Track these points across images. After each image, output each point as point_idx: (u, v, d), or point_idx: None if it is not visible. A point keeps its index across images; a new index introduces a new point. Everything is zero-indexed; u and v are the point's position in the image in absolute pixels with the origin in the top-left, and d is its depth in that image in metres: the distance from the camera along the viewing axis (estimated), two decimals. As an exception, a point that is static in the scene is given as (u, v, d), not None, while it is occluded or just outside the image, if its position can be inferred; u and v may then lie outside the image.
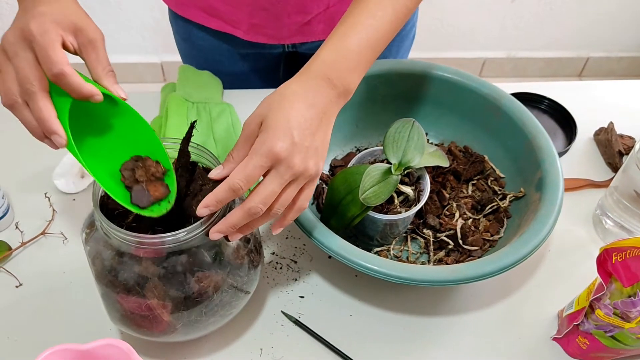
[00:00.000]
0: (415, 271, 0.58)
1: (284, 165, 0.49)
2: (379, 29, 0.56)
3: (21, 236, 0.71)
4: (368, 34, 0.55)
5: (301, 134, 0.50)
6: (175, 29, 0.95)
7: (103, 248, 0.52)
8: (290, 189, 0.51)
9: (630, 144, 0.83)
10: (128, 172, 0.52)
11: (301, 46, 0.89)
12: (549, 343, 0.65)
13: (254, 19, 0.82)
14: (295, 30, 0.84)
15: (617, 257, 0.54)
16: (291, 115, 0.50)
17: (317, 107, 0.52)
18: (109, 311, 0.56)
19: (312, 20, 0.82)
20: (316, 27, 0.84)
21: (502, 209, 0.72)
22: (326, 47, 0.55)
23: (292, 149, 0.49)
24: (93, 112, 0.51)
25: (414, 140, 0.64)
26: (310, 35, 0.85)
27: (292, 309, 0.66)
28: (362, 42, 0.55)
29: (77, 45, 0.50)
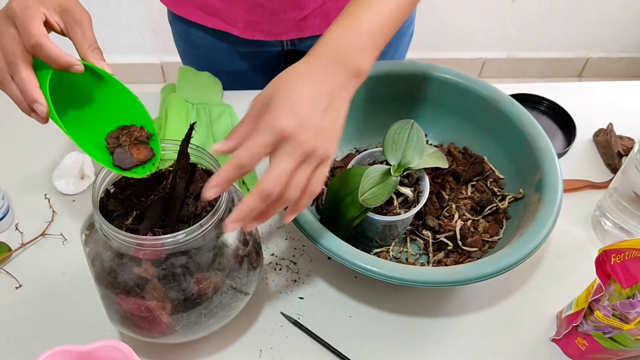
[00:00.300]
0: (414, 272, 0.58)
1: (292, 143, 0.47)
2: (389, 8, 0.54)
3: (21, 237, 0.71)
4: (377, 14, 0.54)
5: (309, 112, 0.48)
6: (174, 29, 0.96)
7: (102, 249, 0.53)
8: (302, 170, 0.48)
9: (629, 145, 0.83)
10: (113, 139, 0.54)
11: (300, 43, 0.89)
12: (548, 344, 0.65)
13: (250, 16, 0.82)
14: (292, 26, 0.84)
15: (616, 259, 0.54)
16: (298, 93, 0.48)
17: (327, 86, 0.50)
18: (108, 312, 0.56)
19: (309, 16, 0.83)
20: (313, 22, 0.84)
21: (502, 210, 0.72)
22: (335, 26, 0.53)
23: (299, 125, 0.47)
24: (79, 87, 0.54)
25: (413, 142, 0.64)
26: (307, 30, 0.85)
27: (291, 310, 0.66)
28: (372, 22, 0.53)
29: (64, 25, 0.52)
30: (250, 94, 0.90)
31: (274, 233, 0.73)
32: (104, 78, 0.52)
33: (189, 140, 0.54)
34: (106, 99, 0.55)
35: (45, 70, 0.50)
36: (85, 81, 0.52)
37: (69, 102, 0.54)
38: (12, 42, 0.49)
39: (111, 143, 0.54)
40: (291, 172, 0.48)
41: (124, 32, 1.98)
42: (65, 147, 0.81)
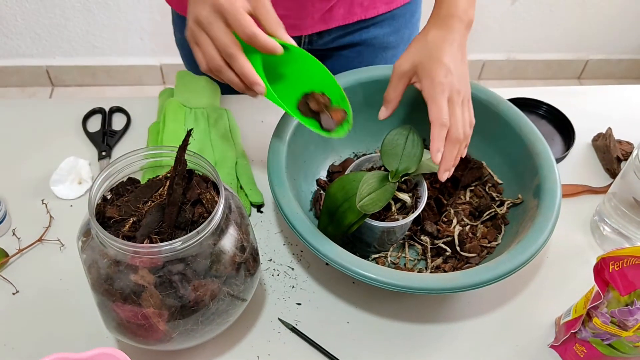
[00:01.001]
0: (412, 279, 0.58)
1: (454, 92, 0.62)
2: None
3: (18, 243, 0.71)
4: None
5: (454, 66, 0.62)
6: (179, 31, 0.94)
7: (99, 256, 0.52)
8: (465, 113, 0.64)
9: (628, 150, 0.83)
10: (304, 106, 0.65)
11: (318, 40, 0.89)
12: (547, 350, 0.64)
13: (277, 9, 0.82)
14: (318, 18, 0.84)
15: (614, 266, 0.54)
16: (444, 58, 0.62)
17: (456, 42, 0.64)
18: (105, 319, 0.56)
19: (334, 6, 0.83)
20: (337, 12, 0.85)
21: (500, 215, 0.72)
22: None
23: (452, 78, 0.62)
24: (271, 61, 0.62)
25: (411, 147, 0.64)
26: (331, 21, 0.86)
27: (289, 316, 0.66)
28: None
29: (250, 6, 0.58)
30: (248, 99, 0.90)
31: (271, 239, 0.73)
32: (289, 49, 0.60)
33: (186, 147, 0.54)
34: (291, 68, 0.64)
35: (255, 55, 0.59)
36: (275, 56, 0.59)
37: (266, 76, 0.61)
38: (225, 35, 0.56)
39: (303, 110, 0.65)
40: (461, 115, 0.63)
41: (123, 34, 1.98)
42: (62, 152, 0.81)
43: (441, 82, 0.62)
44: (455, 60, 0.63)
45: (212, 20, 0.57)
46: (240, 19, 0.56)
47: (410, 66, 0.65)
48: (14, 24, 1.92)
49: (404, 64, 0.65)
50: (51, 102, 1.06)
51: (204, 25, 0.57)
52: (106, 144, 0.83)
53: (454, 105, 0.62)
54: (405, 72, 0.65)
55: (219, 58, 0.58)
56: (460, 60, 0.64)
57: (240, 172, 0.78)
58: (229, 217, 0.55)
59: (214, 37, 0.57)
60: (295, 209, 0.63)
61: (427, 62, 0.63)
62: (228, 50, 0.57)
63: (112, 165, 0.54)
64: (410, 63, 0.65)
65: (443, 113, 0.61)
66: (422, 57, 0.64)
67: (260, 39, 0.57)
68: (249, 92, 0.61)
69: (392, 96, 0.66)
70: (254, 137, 0.85)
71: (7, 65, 2.04)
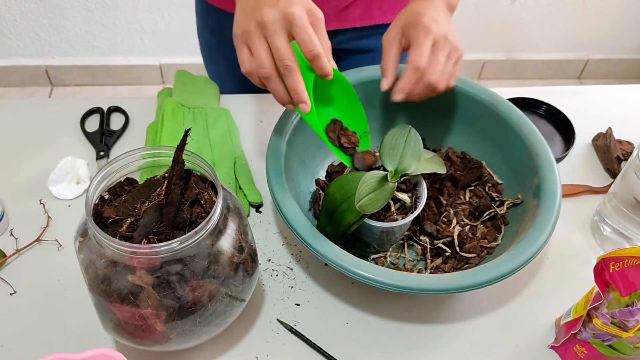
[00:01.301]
0: (411, 280, 0.58)
1: (440, 37, 0.62)
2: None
3: (16, 243, 0.70)
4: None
5: (441, 20, 0.63)
6: (202, 23, 0.94)
7: (96, 257, 0.52)
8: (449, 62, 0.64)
9: (628, 150, 0.83)
10: (332, 133, 0.66)
11: (332, 39, 0.88)
12: (547, 351, 0.64)
13: None
14: (333, 15, 0.84)
15: (615, 267, 0.54)
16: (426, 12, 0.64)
17: (441, 15, 0.65)
18: (102, 320, 0.55)
19: (351, 5, 0.83)
20: (354, 12, 0.84)
21: (500, 215, 0.72)
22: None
23: (438, 27, 0.62)
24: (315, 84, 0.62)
25: (410, 147, 0.63)
26: (347, 21, 0.85)
27: (287, 317, 0.66)
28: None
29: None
30: (247, 99, 0.90)
31: (270, 239, 0.73)
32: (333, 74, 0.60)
33: (184, 146, 0.53)
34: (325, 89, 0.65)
35: (308, 73, 0.58)
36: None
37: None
38: (287, 46, 0.55)
39: (332, 137, 0.66)
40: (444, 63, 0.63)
41: (123, 34, 1.98)
42: (60, 151, 0.81)
43: (426, 26, 0.62)
44: (441, 17, 0.64)
45: (277, 29, 0.55)
46: (311, 35, 0.55)
47: (397, 31, 0.65)
48: (13, 24, 1.92)
49: (391, 32, 0.66)
50: (49, 102, 1.05)
51: (268, 30, 0.55)
52: (104, 143, 0.82)
53: (438, 49, 0.62)
54: (394, 37, 0.65)
55: (271, 67, 0.56)
56: (447, 20, 0.65)
57: (239, 172, 0.78)
58: (227, 217, 0.55)
59: (275, 46, 0.55)
60: (294, 209, 0.62)
61: (412, 19, 0.64)
62: (287, 62, 0.55)
63: (110, 165, 0.54)
64: (396, 29, 0.65)
65: (421, 56, 0.61)
66: (407, 19, 0.65)
67: (323, 61, 0.56)
68: (288, 105, 0.60)
69: (388, 65, 0.66)
70: (252, 137, 0.84)
71: (6, 65, 2.04)
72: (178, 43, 2.02)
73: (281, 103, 0.59)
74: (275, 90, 0.58)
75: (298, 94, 0.56)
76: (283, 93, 0.58)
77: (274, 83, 0.58)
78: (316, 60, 0.56)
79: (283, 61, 0.55)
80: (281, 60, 0.55)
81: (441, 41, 0.62)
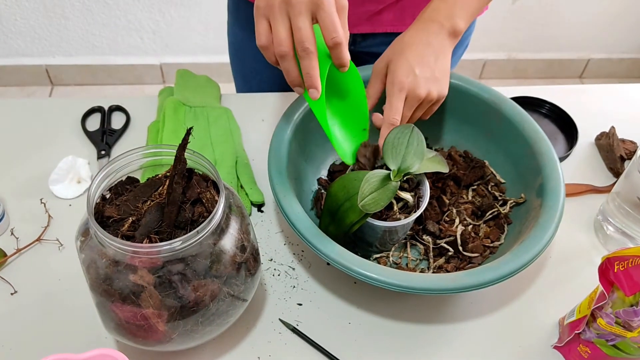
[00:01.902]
0: (414, 279, 0.57)
1: (412, 94, 0.64)
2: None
3: (16, 242, 0.70)
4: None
5: (421, 69, 0.64)
6: (233, 19, 0.94)
7: (98, 256, 0.52)
8: (418, 110, 0.67)
9: (632, 149, 0.82)
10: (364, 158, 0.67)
11: (361, 42, 0.89)
12: (550, 351, 0.64)
13: None
14: (366, 19, 0.84)
15: (619, 266, 0.54)
16: (410, 57, 0.64)
17: (432, 46, 0.66)
18: (103, 320, 0.55)
19: (384, 10, 0.83)
20: (386, 17, 0.84)
21: (503, 215, 0.71)
22: (432, 2, 0.69)
23: (415, 81, 0.64)
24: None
25: (413, 146, 0.63)
26: (379, 25, 0.85)
27: (290, 317, 0.65)
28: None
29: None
30: (247, 98, 0.89)
31: (272, 238, 0.72)
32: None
33: (186, 145, 0.53)
34: (338, 83, 0.65)
35: (325, 59, 0.57)
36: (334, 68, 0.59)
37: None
38: (309, 28, 0.54)
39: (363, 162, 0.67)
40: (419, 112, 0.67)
41: (123, 33, 1.97)
42: (61, 151, 0.80)
43: (400, 81, 0.63)
44: (423, 61, 0.64)
45: (303, 10, 0.54)
46: (335, 21, 0.54)
47: (384, 65, 0.67)
48: (14, 23, 1.92)
49: (379, 63, 0.67)
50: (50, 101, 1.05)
51: (293, 8, 0.54)
52: (105, 142, 0.82)
53: (410, 106, 0.65)
54: (380, 70, 0.67)
55: (289, 45, 0.56)
56: (432, 61, 0.65)
57: (241, 171, 0.77)
58: (229, 216, 0.54)
59: (298, 26, 0.54)
60: (296, 209, 0.62)
61: (394, 60, 0.65)
62: (307, 45, 0.54)
63: (111, 164, 0.54)
64: (384, 62, 0.67)
65: (393, 112, 0.64)
66: (393, 55, 0.66)
67: (343, 49, 0.56)
68: (297, 88, 0.59)
69: (370, 93, 0.68)
70: (254, 135, 0.84)
71: (6, 65, 2.03)
72: (178, 42, 2.01)
73: (291, 84, 0.59)
74: (288, 70, 0.58)
75: (311, 79, 0.56)
76: (296, 74, 0.58)
77: (289, 63, 0.57)
78: (337, 48, 0.56)
79: (303, 43, 0.54)
80: (301, 42, 0.54)
81: (413, 98, 0.64)
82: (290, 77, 0.58)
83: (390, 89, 0.64)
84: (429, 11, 0.68)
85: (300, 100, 0.73)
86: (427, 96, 0.65)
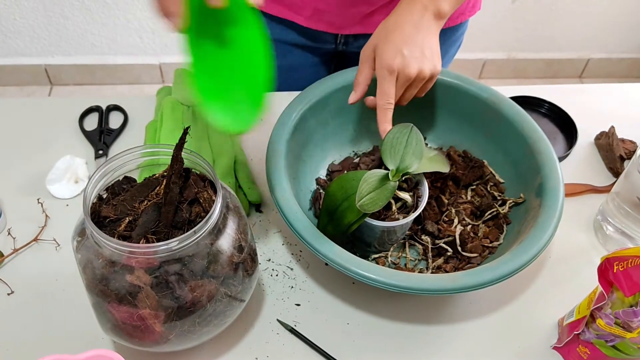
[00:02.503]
0: (413, 280, 0.57)
1: (403, 74, 0.63)
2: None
3: (13, 242, 0.70)
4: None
5: (409, 49, 0.63)
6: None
7: (94, 257, 0.51)
8: (412, 89, 0.66)
9: (631, 149, 0.82)
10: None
11: (353, 42, 0.89)
12: (549, 352, 0.64)
13: (319, 4, 0.81)
14: (358, 20, 0.84)
15: (619, 267, 0.53)
16: (397, 38, 0.64)
17: (417, 26, 0.65)
18: (100, 321, 0.55)
19: (375, 12, 0.83)
20: (377, 18, 0.84)
21: (502, 215, 0.71)
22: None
23: (404, 61, 0.63)
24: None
25: (412, 146, 0.63)
26: (371, 26, 0.85)
27: (287, 317, 0.65)
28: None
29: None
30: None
31: (270, 238, 0.72)
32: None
33: (183, 145, 0.53)
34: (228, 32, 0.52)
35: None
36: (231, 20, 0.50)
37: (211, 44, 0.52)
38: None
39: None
40: (410, 92, 0.66)
41: (122, 33, 1.97)
42: (59, 150, 0.80)
43: (388, 64, 0.63)
44: (409, 40, 0.64)
45: None
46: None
47: (371, 50, 0.66)
48: (13, 23, 1.91)
49: (366, 49, 0.67)
50: (47, 101, 1.05)
51: None
52: (103, 142, 0.82)
53: (400, 85, 0.64)
54: (367, 56, 0.66)
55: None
56: (419, 40, 0.64)
57: (239, 171, 0.77)
58: (226, 216, 0.54)
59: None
60: (294, 208, 0.62)
61: (381, 44, 0.64)
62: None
63: (108, 163, 0.54)
64: (370, 47, 0.66)
65: (384, 96, 0.63)
66: (379, 39, 0.65)
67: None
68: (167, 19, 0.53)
69: (359, 80, 0.67)
70: (252, 135, 0.84)
71: (5, 64, 2.03)
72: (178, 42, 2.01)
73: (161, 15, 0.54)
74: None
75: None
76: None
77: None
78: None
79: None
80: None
81: (403, 78, 0.64)
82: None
83: (380, 72, 0.64)
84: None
85: (298, 100, 0.72)
86: (419, 74, 0.64)
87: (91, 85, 2.12)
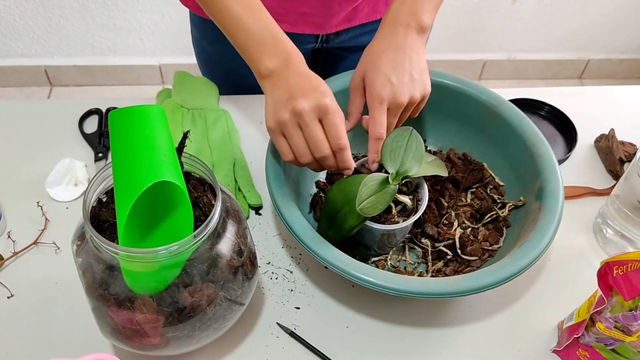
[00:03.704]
0: (412, 283, 0.57)
1: (394, 104, 0.63)
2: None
3: (13, 246, 0.70)
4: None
5: (397, 77, 0.63)
6: (201, 34, 0.91)
7: (93, 261, 0.51)
8: (404, 114, 0.66)
9: (631, 151, 0.82)
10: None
11: (334, 39, 0.89)
12: (549, 355, 0.64)
13: (303, 8, 0.81)
14: (343, 18, 0.84)
15: (618, 271, 0.53)
16: (384, 66, 0.63)
17: (403, 49, 0.64)
18: (100, 325, 0.55)
19: (359, 6, 0.83)
20: (361, 12, 0.85)
21: (502, 218, 0.71)
22: (394, 3, 0.66)
23: (394, 90, 0.62)
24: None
25: (412, 150, 0.63)
26: (355, 20, 0.86)
27: (287, 321, 0.65)
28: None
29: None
30: (246, 99, 0.89)
31: (270, 241, 0.72)
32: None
33: (182, 149, 0.53)
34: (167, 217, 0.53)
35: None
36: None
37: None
38: (322, 135, 0.59)
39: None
40: (392, 123, 0.65)
41: (122, 34, 1.97)
42: (58, 153, 0.80)
43: (378, 94, 0.62)
44: (397, 66, 0.63)
45: (312, 119, 0.58)
46: (340, 128, 0.59)
47: (360, 79, 0.65)
48: (12, 24, 1.91)
49: (355, 78, 0.66)
50: (47, 103, 1.05)
51: (303, 120, 0.58)
52: (103, 145, 0.82)
53: (392, 115, 0.64)
54: (357, 85, 0.66)
55: (309, 154, 0.60)
56: (407, 64, 0.63)
57: (238, 174, 0.77)
58: (226, 220, 0.54)
59: (312, 134, 0.58)
60: (294, 212, 0.62)
61: (369, 73, 0.64)
62: (323, 150, 0.59)
63: (108, 167, 0.53)
64: (359, 76, 0.65)
65: (377, 127, 0.63)
66: (367, 68, 0.64)
67: (346, 152, 0.59)
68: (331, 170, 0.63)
69: (351, 110, 0.67)
70: (252, 138, 0.84)
71: (5, 65, 2.03)
72: (177, 43, 2.01)
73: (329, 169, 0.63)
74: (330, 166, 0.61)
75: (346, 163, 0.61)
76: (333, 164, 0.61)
77: (313, 165, 0.62)
78: (341, 153, 0.59)
79: (319, 149, 0.59)
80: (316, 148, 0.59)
81: (396, 107, 0.63)
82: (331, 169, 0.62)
83: (371, 102, 0.64)
84: (390, 15, 0.66)
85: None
86: (411, 100, 0.64)
87: (91, 86, 2.12)
